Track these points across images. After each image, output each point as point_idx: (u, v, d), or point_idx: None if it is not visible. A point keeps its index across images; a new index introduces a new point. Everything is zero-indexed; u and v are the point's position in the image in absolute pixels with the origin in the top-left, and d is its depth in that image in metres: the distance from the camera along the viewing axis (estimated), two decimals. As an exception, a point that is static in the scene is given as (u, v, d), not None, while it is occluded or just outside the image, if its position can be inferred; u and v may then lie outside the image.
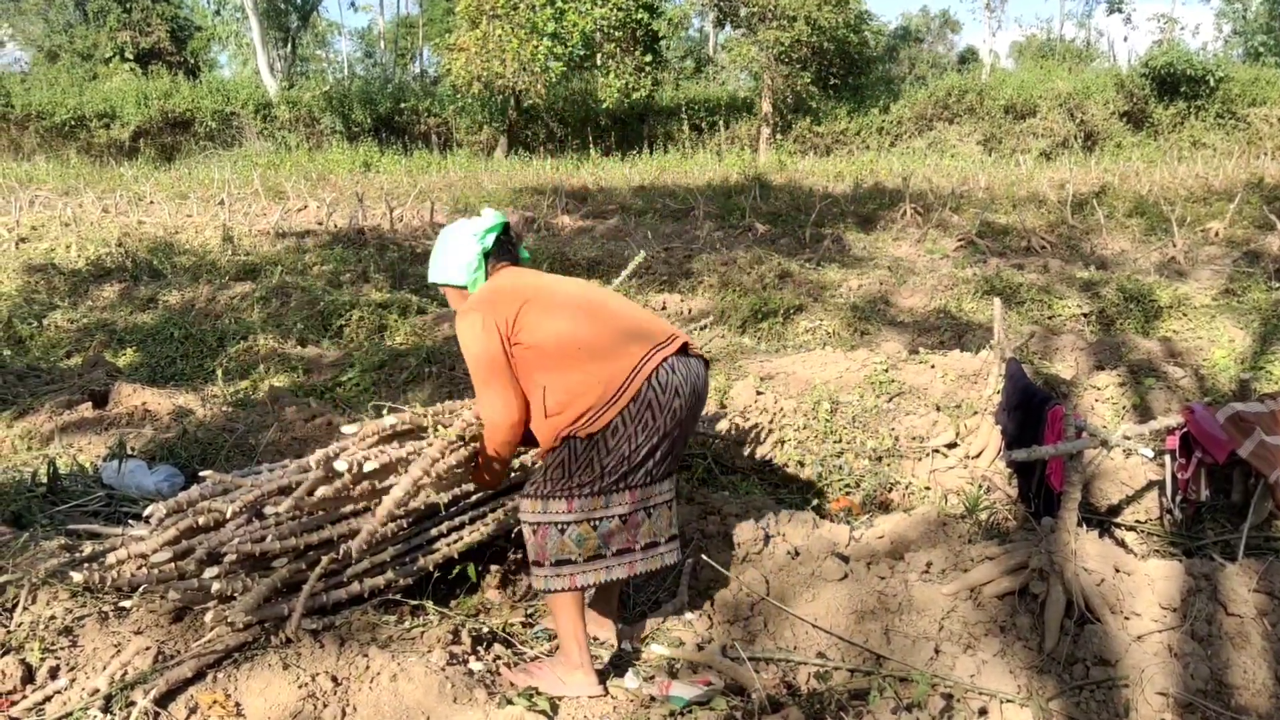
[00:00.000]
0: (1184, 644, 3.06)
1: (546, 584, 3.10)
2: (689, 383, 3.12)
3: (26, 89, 33.82)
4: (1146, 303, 8.86)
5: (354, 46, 57.63)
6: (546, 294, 3.15)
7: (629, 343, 3.07)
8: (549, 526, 3.07)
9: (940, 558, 3.59)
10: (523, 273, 3.31)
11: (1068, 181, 18.89)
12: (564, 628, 3.13)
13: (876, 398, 5.87)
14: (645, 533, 3.20)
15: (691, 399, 3.13)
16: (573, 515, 3.06)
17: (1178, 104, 32.07)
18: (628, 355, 3.04)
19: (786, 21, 31.27)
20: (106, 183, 21.95)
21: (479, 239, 3.24)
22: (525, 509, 3.12)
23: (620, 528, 3.14)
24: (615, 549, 3.15)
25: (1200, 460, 4.25)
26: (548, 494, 3.06)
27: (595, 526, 3.09)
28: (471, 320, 3.08)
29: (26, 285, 10.35)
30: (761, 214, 16.17)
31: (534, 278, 3.28)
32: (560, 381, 3.02)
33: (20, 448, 5.50)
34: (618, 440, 3.02)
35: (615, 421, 3.00)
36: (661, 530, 3.25)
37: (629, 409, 3.00)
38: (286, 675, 2.86)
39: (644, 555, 3.22)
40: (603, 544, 3.12)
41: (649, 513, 3.19)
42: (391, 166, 27.31)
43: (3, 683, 2.80)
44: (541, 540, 3.09)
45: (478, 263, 3.25)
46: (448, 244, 3.27)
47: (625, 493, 3.11)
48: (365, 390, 6.85)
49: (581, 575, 3.10)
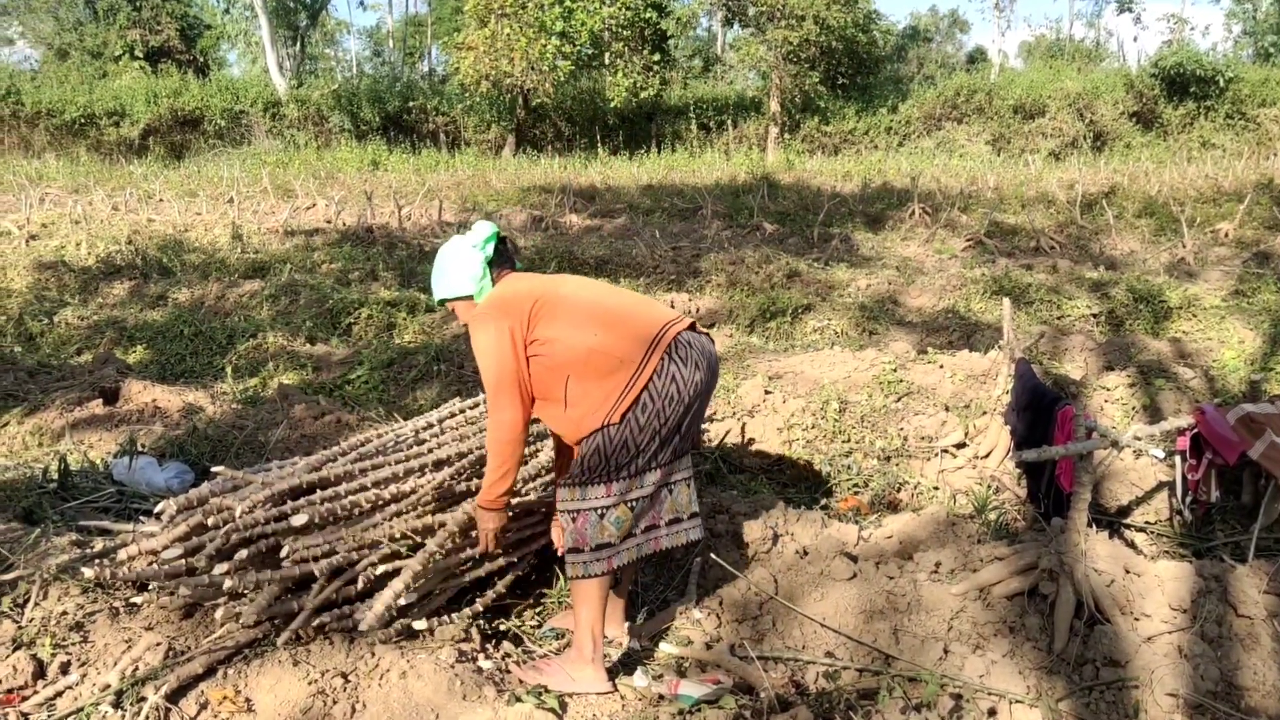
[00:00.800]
0: (1194, 645, 3.06)
1: (585, 569, 3.13)
2: (704, 356, 3.18)
3: (37, 87, 33.94)
4: (1156, 303, 8.83)
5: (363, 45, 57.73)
6: (554, 292, 3.20)
7: (642, 324, 3.14)
8: (589, 513, 3.11)
9: (949, 558, 3.59)
10: (526, 276, 3.36)
11: (1077, 181, 18.85)
12: (584, 618, 3.15)
13: (885, 397, 5.86)
14: (669, 509, 3.26)
15: (707, 373, 3.19)
16: (611, 499, 3.11)
17: (1187, 104, 32.01)
18: (642, 335, 3.10)
19: (795, 21, 31.24)
20: (116, 180, 22.04)
21: (480, 248, 3.29)
22: (564, 497, 3.16)
23: (649, 506, 3.20)
24: (643, 526, 3.21)
25: (1211, 461, 4.24)
26: (586, 480, 3.11)
27: (632, 508, 3.15)
28: (486, 326, 3.11)
29: (37, 282, 10.40)
30: (769, 213, 16.15)
31: (539, 279, 3.34)
32: (580, 370, 3.08)
33: (31, 444, 5.53)
34: (649, 416, 3.07)
35: (644, 397, 3.06)
36: (683, 506, 3.31)
37: (654, 383, 3.07)
38: (296, 672, 2.87)
39: (669, 531, 3.27)
40: (635, 523, 3.18)
41: (671, 489, 3.26)
42: (400, 165, 27.35)
43: (14, 678, 2.82)
44: (582, 527, 3.12)
45: (482, 271, 3.29)
46: (450, 259, 3.30)
47: (656, 470, 3.17)
48: (374, 388, 6.86)
49: (617, 556, 3.15)
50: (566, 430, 3.18)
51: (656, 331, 3.12)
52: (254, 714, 2.76)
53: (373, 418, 5.83)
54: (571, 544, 3.14)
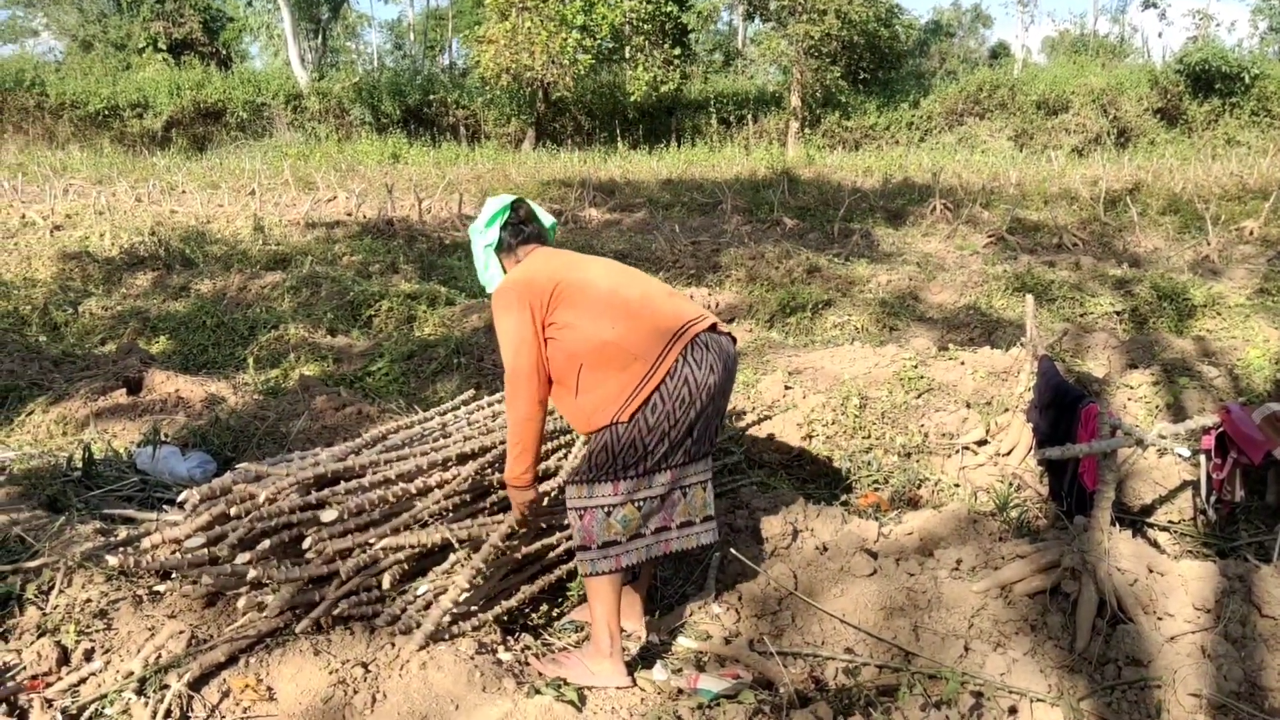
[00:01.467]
0: (1217, 645, 3.03)
1: (593, 567, 3.12)
2: (720, 359, 3.14)
3: (61, 78, 34.20)
4: (1180, 301, 8.76)
5: (384, 38, 57.85)
6: (579, 276, 3.18)
7: (662, 320, 3.11)
8: (595, 510, 3.10)
9: (970, 555, 3.57)
10: (554, 254, 3.34)
11: (1100, 178, 18.70)
12: (598, 614, 3.15)
13: (906, 394, 5.83)
14: (681, 512, 3.24)
15: (724, 375, 3.15)
16: (618, 497, 3.10)
17: (1212, 101, 31.72)
18: (661, 332, 3.08)
19: (817, 15, 31.14)
20: (139, 172, 22.18)
21: (482, 234, 3.35)
22: (571, 494, 3.15)
23: (659, 507, 3.18)
24: (653, 528, 3.20)
25: (1236, 460, 4.20)
26: (594, 478, 3.09)
27: (640, 507, 3.14)
28: (508, 304, 3.12)
29: (62, 272, 10.48)
30: (790, 208, 16.11)
31: (565, 258, 3.31)
32: (594, 359, 3.06)
33: (56, 433, 5.57)
34: (658, 417, 3.04)
35: (654, 398, 3.03)
36: (696, 510, 3.28)
37: (666, 385, 3.04)
38: (318, 661, 2.89)
39: (679, 534, 3.26)
40: (643, 523, 3.17)
41: (684, 492, 3.23)
42: (420, 158, 27.43)
43: (39, 664, 2.84)
44: (589, 524, 3.11)
45: (486, 261, 3.40)
46: (474, 254, 3.45)
47: (666, 472, 3.15)
48: (394, 380, 6.88)
49: (625, 555, 3.14)
50: (577, 420, 3.17)
51: (676, 330, 3.09)
52: (275, 702, 2.78)
53: (393, 410, 5.85)
54: (579, 541, 3.14)
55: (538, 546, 3.58)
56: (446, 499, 3.42)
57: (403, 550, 3.27)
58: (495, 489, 3.59)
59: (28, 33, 48.71)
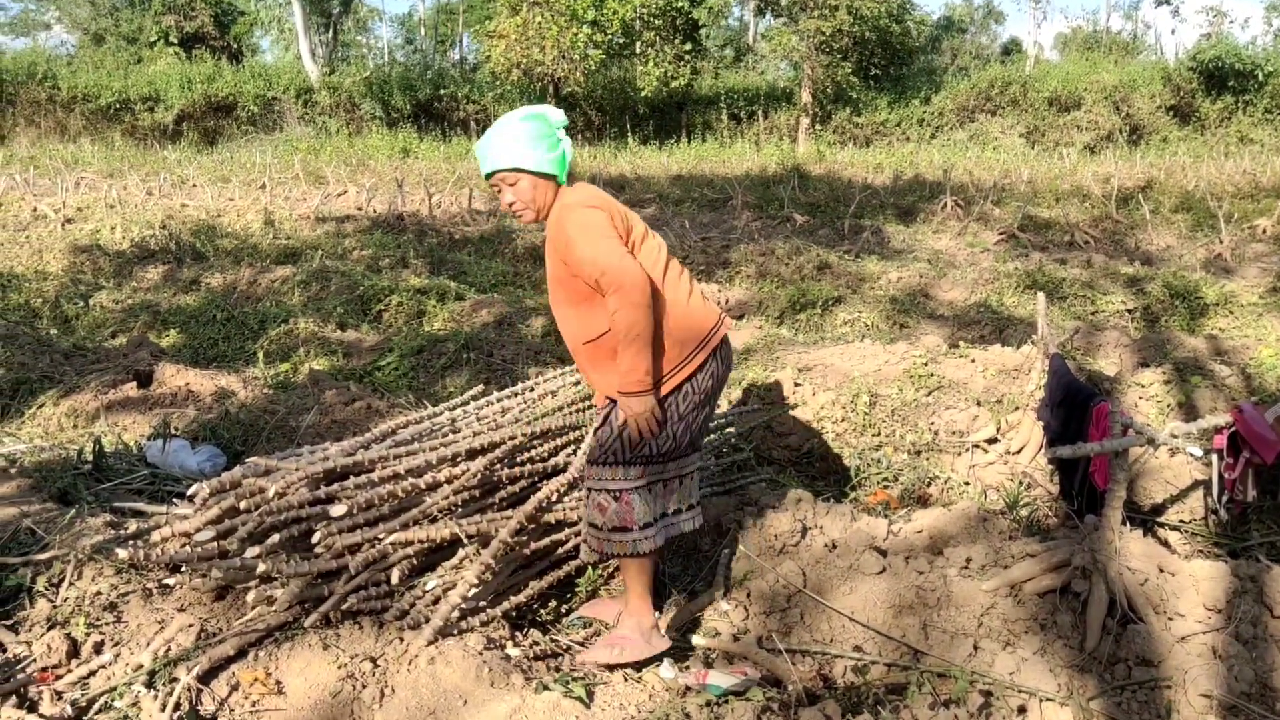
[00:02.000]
0: (1228, 646, 3.01)
1: (635, 548, 3.15)
2: (731, 355, 3.30)
3: (73, 71, 34.32)
4: (1192, 299, 8.72)
5: (394, 33, 57.80)
6: (640, 224, 3.17)
7: (699, 315, 3.15)
8: (631, 492, 3.13)
9: (980, 553, 3.56)
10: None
11: (1112, 175, 18.63)
12: (639, 588, 3.21)
13: (916, 391, 5.82)
14: (677, 499, 3.31)
15: (727, 373, 3.28)
16: (645, 479, 3.15)
17: (1225, 98, 31.55)
18: (698, 327, 3.13)
19: (828, 11, 31.06)
20: (150, 165, 22.25)
21: (561, 127, 3.11)
22: (606, 476, 3.15)
23: (664, 494, 3.26)
24: (671, 509, 3.30)
25: (1248, 460, 4.17)
26: (629, 460, 3.12)
27: (656, 491, 3.22)
28: (589, 210, 2.98)
29: (73, 265, 10.51)
30: (800, 204, 16.08)
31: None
32: None
33: (66, 426, 5.59)
34: (688, 406, 3.11)
35: (686, 387, 3.10)
36: (684, 498, 3.35)
37: (697, 377, 3.11)
38: (326, 655, 2.89)
39: (673, 520, 3.34)
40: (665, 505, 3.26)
41: (681, 480, 3.31)
42: (430, 153, 27.44)
43: (49, 656, 2.85)
44: (627, 506, 3.13)
45: (562, 158, 3.08)
46: (528, 129, 3.02)
47: (678, 459, 3.24)
48: (404, 375, 6.89)
49: (659, 535, 3.21)
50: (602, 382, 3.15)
51: (711, 328, 3.16)
52: (284, 696, 2.79)
53: (402, 405, 5.86)
54: (617, 523, 3.15)
55: (546, 542, 3.58)
56: (455, 494, 3.42)
57: (411, 545, 3.27)
58: (504, 484, 3.59)
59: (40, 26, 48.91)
